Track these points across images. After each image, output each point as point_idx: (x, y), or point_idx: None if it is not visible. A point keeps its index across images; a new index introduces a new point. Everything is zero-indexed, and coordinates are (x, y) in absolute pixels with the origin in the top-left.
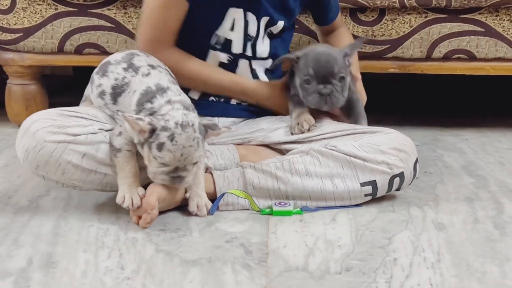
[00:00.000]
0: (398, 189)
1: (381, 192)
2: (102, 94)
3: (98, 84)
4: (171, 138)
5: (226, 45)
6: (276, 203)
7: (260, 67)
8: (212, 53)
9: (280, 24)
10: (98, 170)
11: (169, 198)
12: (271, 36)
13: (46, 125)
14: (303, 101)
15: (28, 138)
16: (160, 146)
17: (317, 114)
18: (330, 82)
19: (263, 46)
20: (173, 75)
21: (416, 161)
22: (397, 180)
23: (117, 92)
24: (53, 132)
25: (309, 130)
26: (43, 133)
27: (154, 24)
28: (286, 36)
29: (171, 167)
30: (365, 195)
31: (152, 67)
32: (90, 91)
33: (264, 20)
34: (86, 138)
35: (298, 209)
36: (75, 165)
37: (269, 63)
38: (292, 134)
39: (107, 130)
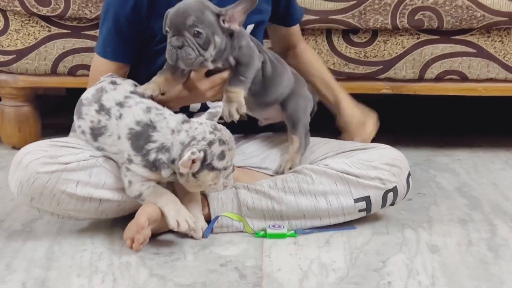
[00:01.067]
0: (392, 204)
1: (375, 207)
2: (82, 133)
3: (77, 125)
4: (222, 142)
5: None
6: (270, 226)
7: None
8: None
9: (249, 30)
10: (94, 195)
11: (160, 219)
12: None
13: (38, 156)
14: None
15: (21, 170)
16: (222, 155)
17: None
18: (183, 34)
19: None
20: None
21: (409, 175)
22: (390, 195)
23: (96, 133)
24: (46, 163)
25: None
26: (35, 165)
27: None
28: (258, 34)
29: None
30: (359, 211)
31: (121, 105)
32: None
33: None
34: (78, 165)
35: (292, 231)
36: (69, 194)
37: None
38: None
39: (97, 157)
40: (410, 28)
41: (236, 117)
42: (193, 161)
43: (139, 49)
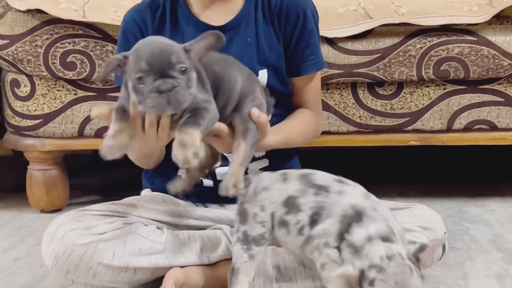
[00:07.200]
0: None
1: None
2: (300, 231)
3: (295, 222)
4: (380, 270)
5: None
6: None
7: None
8: None
9: (263, 74)
10: (130, 265)
11: (188, 283)
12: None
13: (72, 227)
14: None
15: (56, 243)
16: (372, 282)
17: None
18: (170, 75)
19: None
20: None
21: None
22: None
23: (315, 218)
24: (81, 234)
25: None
26: (71, 237)
27: None
28: (283, 86)
29: None
30: None
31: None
32: None
33: None
34: (113, 234)
35: None
36: (106, 265)
37: None
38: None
39: (131, 223)
40: (436, 79)
41: (194, 163)
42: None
43: None
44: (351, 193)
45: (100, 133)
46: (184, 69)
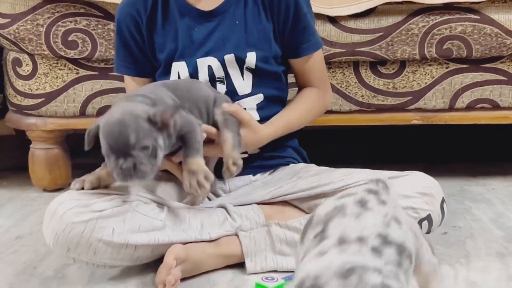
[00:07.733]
0: (428, 232)
1: None
2: None
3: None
4: None
5: None
6: (263, 278)
7: (249, 105)
8: None
9: (251, 56)
10: (130, 242)
11: (190, 259)
12: (253, 71)
13: (72, 205)
14: None
15: (56, 221)
16: None
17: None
18: (131, 154)
19: (243, 83)
20: None
21: (443, 201)
22: (425, 223)
23: None
24: (80, 212)
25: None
26: (70, 215)
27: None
28: (274, 68)
29: None
30: None
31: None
32: None
33: (229, 58)
34: (112, 211)
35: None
36: (106, 242)
37: (255, 98)
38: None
39: (130, 201)
40: (438, 58)
41: (208, 186)
42: None
43: (151, 61)
44: None
45: (102, 112)
46: (145, 146)
